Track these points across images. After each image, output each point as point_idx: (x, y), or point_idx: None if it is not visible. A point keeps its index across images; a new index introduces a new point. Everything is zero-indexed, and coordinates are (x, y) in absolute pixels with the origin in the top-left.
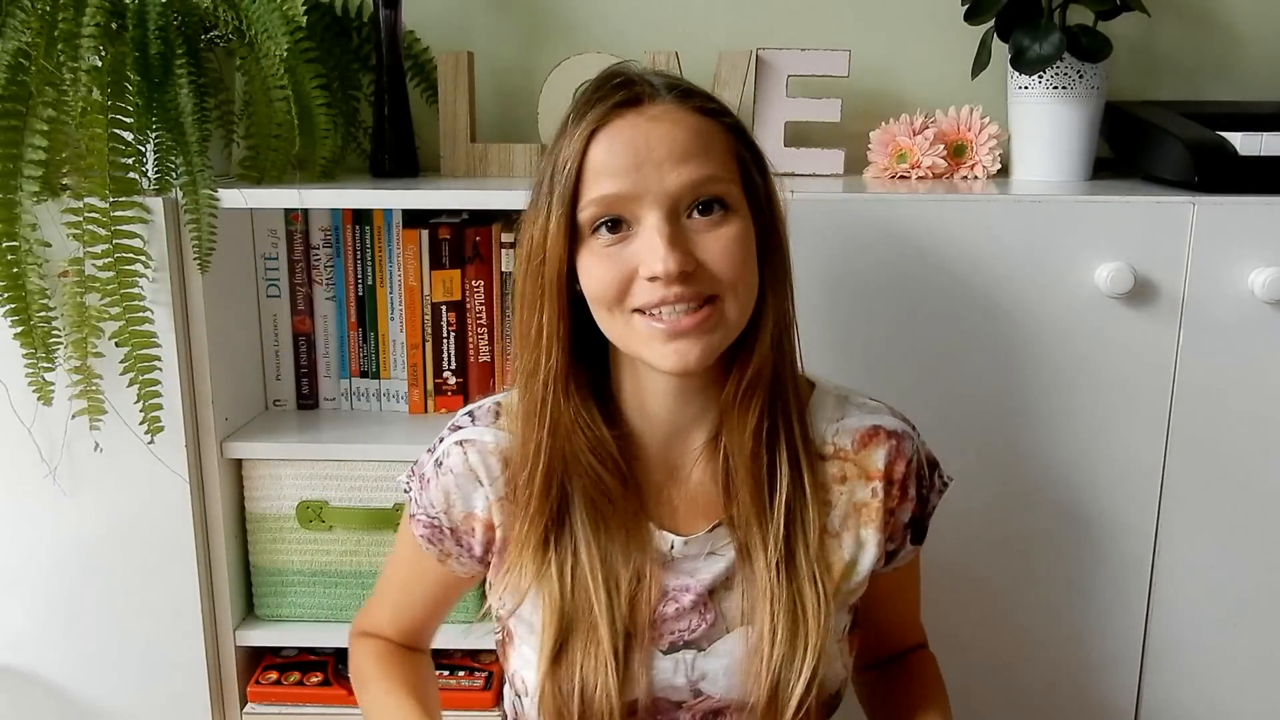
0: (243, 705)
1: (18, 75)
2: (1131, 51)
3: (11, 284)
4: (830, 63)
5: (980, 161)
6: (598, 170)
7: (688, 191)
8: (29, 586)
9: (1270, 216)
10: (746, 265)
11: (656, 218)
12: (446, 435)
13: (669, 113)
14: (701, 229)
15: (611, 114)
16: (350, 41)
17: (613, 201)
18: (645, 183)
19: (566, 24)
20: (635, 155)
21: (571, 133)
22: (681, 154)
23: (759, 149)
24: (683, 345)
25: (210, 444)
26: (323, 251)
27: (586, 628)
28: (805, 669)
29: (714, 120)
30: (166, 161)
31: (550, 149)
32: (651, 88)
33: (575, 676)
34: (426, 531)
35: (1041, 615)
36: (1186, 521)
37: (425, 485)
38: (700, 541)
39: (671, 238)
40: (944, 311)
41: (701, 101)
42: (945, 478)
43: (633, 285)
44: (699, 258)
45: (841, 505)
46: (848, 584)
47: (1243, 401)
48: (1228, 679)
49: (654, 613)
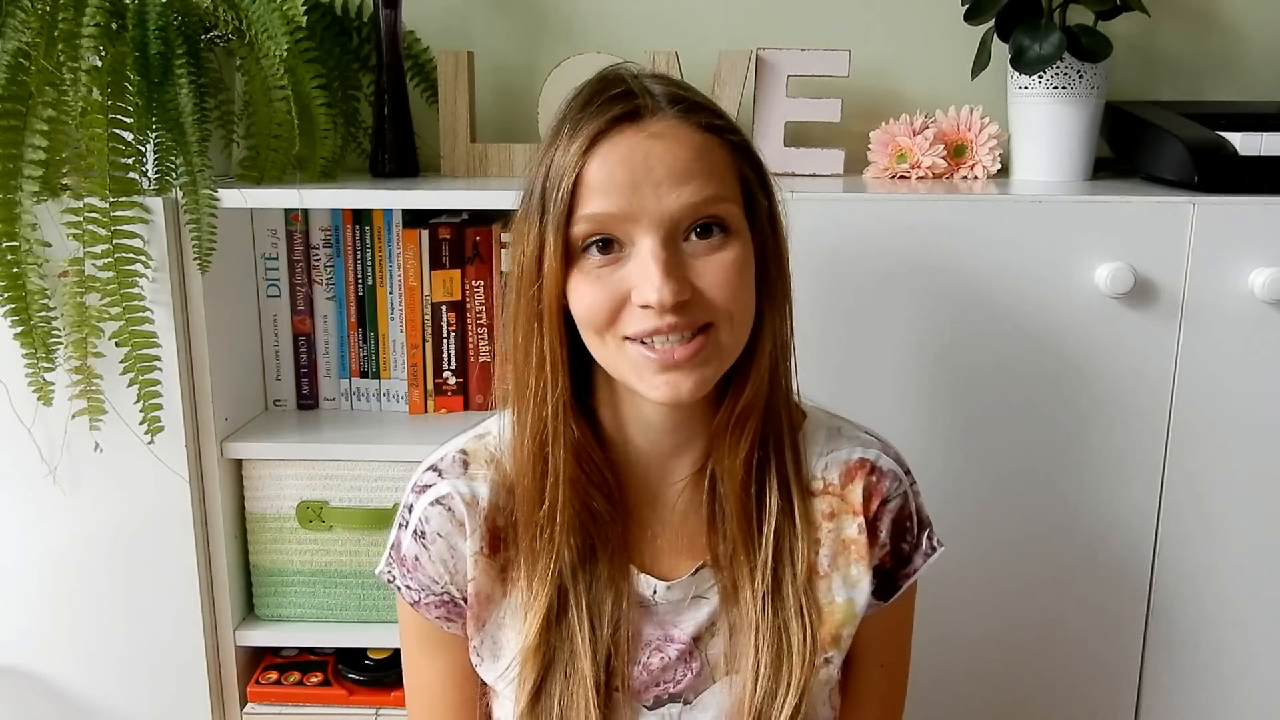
0: (243, 705)
1: (18, 75)
2: (1131, 51)
3: (11, 284)
4: (830, 63)
5: (980, 161)
6: (592, 186)
7: (687, 214)
8: (29, 586)
9: (1270, 216)
10: (744, 291)
11: (652, 242)
12: (415, 501)
13: (671, 129)
14: (699, 253)
15: (610, 127)
16: (350, 41)
17: (605, 220)
18: (642, 203)
19: (566, 24)
20: (633, 174)
21: (567, 144)
22: (682, 174)
23: (764, 166)
24: (675, 377)
25: (210, 444)
26: (323, 251)
27: (567, 662)
28: (788, 706)
29: (718, 137)
30: (166, 161)
31: (542, 156)
32: (653, 100)
33: (554, 711)
34: (441, 611)
35: (1041, 615)
36: (1186, 521)
37: (415, 566)
38: (683, 586)
39: (667, 264)
40: (944, 311)
41: (706, 118)
42: (935, 541)
43: (624, 310)
44: (695, 284)
45: (830, 544)
46: (845, 627)
47: (1243, 401)
48: (1228, 679)
49: (637, 664)
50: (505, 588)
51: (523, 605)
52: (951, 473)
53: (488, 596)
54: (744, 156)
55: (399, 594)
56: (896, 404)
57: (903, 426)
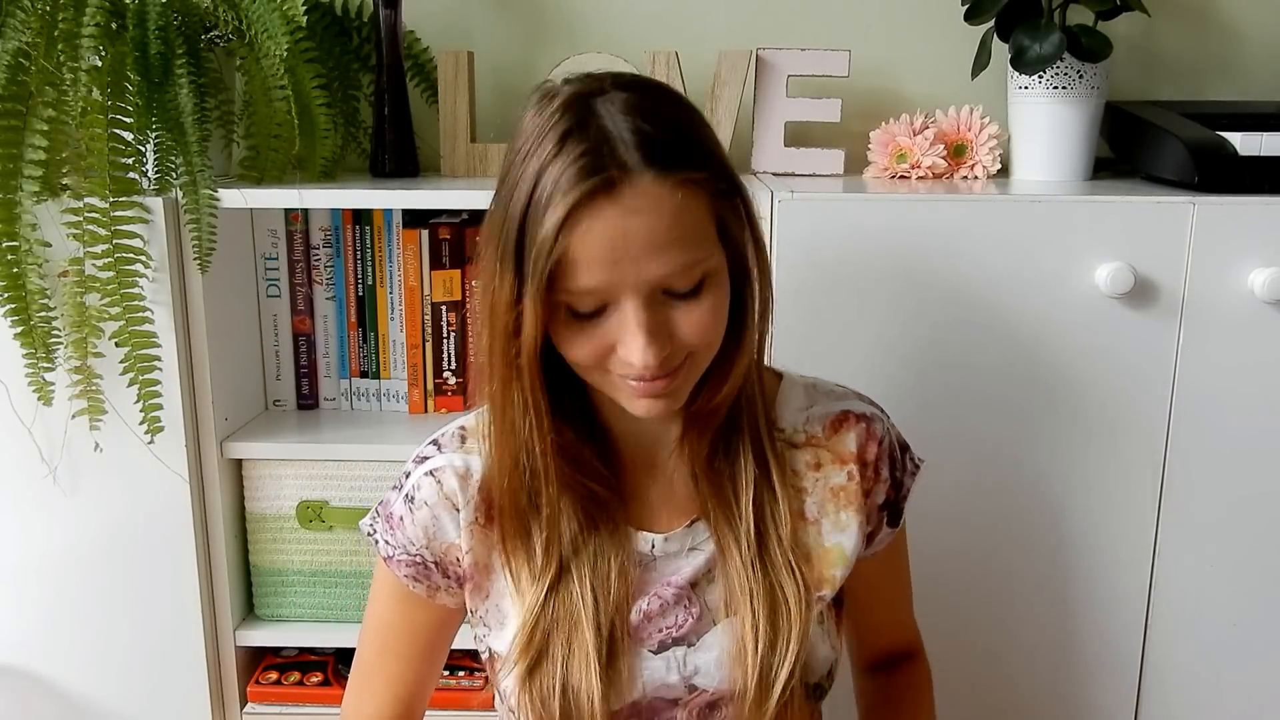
0: (243, 705)
1: (18, 75)
2: (1131, 51)
3: (11, 284)
4: (830, 63)
5: (980, 161)
6: (573, 261)
7: (666, 280)
8: (29, 586)
9: (1270, 216)
10: (720, 325)
11: (634, 305)
12: (414, 469)
13: (647, 197)
14: (679, 304)
15: (587, 200)
16: (350, 41)
17: (589, 293)
18: (623, 275)
19: (566, 24)
20: (613, 250)
21: (543, 207)
22: (661, 244)
23: (738, 186)
24: (654, 401)
25: (210, 444)
26: (323, 251)
27: (569, 629)
28: (789, 656)
29: (693, 188)
30: (166, 161)
31: (511, 194)
32: (625, 169)
33: (556, 675)
34: (411, 570)
35: (1041, 616)
36: (1187, 522)
37: (399, 525)
38: (679, 538)
39: (650, 329)
40: (944, 312)
41: (681, 171)
42: (916, 460)
43: (610, 356)
44: (675, 333)
45: (818, 491)
46: (835, 569)
47: (1243, 401)
48: (1228, 680)
49: (638, 611)
50: (504, 556)
51: (520, 574)
52: (951, 471)
53: (485, 565)
54: (719, 193)
55: (375, 547)
56: (896, 403)
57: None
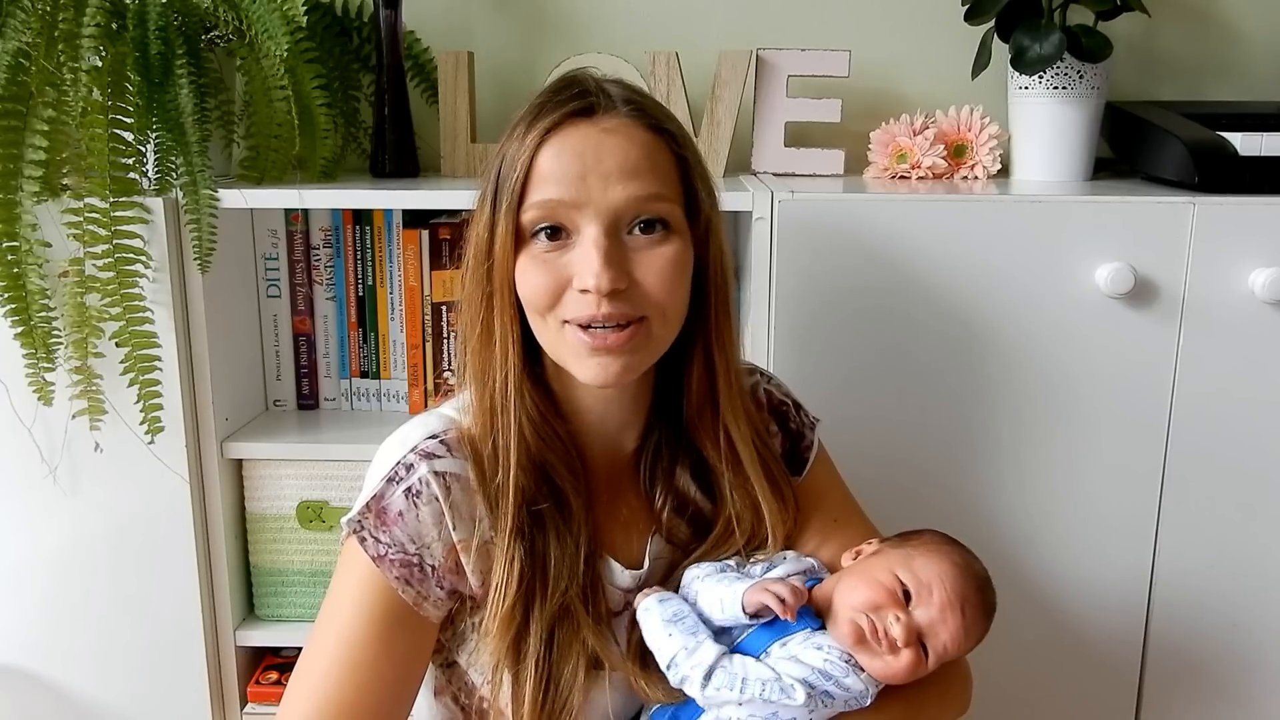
0: (243, 705)
1: (18, 75)
2: (1131, 51)
3: (11, 284)
4: (830, 63)
5: (980, 162)
6: (544, 175)
7: (631, 207)
8: (29, 586)
9: (1270, 216)
10: (680, 288)
11: (596, 231)
12: (417, 462)
13: (622, 126)
14: (640, 246)
15: (564, 121)
16: (350, 41)
17: (554, 208)
18: (589, 193)
19: (566, 24)
20: (583, 164)
21: (523, 136)
22: (630, 169)
23: (708, 175)
24: (606, 360)
25: (210, 444)
26: (323, 251)
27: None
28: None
29: (667, 141)
30: (166, 161)
31: (499, 149)
32: (607, 98)
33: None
34: (403, 572)
35: (1040, 615)
36: (1187, 520)
37: (396, 520)
38: (649, 564)
39: (608, 253)
40: (944, 312)
41: (657, 120)
42: (812, 417)
43: (566, 294)
44: (634, 275)
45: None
46: None
47: (1243, 401)
48: (1228, 679)
49: (623, 639)
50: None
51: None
52: (951, 471)
53: (482, 571)
54: (691, 167)
55: (360, 546)
56: (897, 403)
57: (903, 425)
